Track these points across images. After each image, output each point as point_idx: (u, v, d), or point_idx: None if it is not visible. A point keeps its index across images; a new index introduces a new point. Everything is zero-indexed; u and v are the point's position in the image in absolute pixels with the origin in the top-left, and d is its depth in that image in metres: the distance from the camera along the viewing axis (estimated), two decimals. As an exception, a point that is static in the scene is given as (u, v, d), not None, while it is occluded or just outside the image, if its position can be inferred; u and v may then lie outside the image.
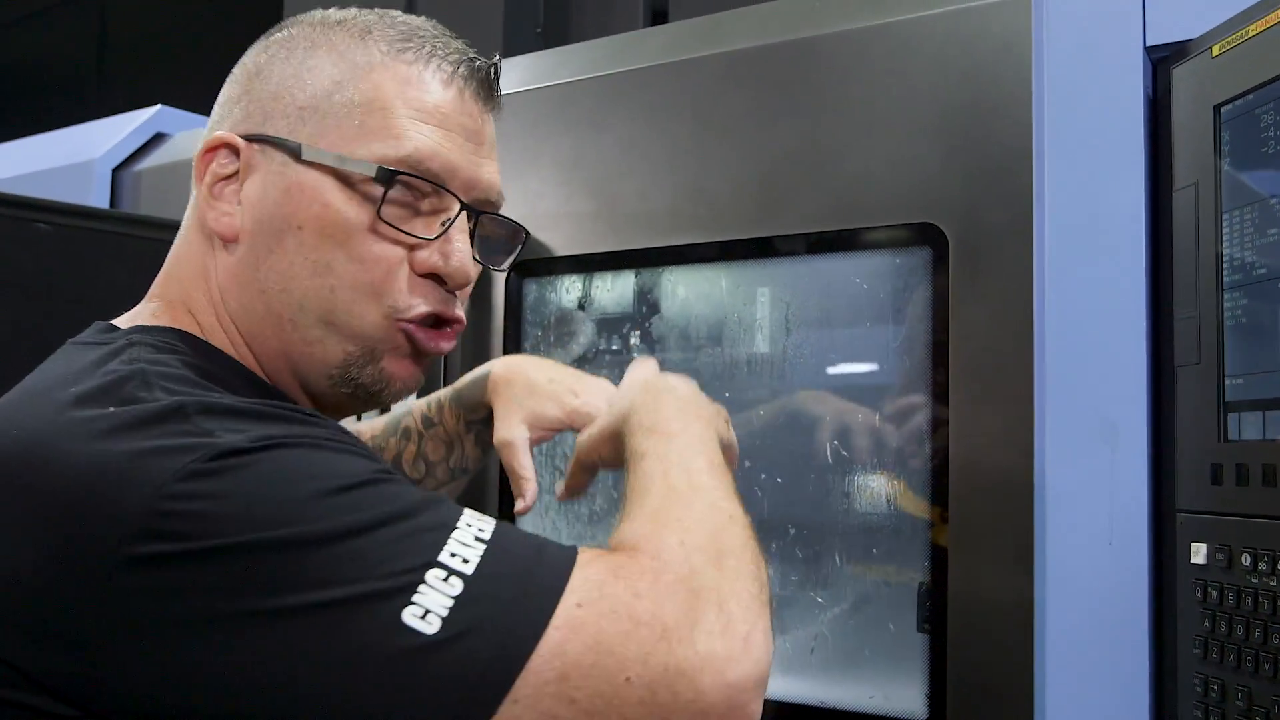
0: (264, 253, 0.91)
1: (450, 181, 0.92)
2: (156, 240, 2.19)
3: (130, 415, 0.73)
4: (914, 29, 1.64)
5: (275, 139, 0.91)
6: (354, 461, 0.75)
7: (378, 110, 0.90)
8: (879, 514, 1.66)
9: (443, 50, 0.94)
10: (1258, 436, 1.07)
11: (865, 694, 1.64)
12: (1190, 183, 1.17)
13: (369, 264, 0.90)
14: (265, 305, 0.91)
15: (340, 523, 0.69)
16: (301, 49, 0.94)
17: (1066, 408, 1.25)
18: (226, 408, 0.75)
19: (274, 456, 0.71)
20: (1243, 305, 1.10)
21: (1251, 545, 1.06)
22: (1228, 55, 1.12)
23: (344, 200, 0.89)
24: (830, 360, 1.76)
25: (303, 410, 0.81)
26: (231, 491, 0.69)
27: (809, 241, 1.72)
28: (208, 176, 0.93)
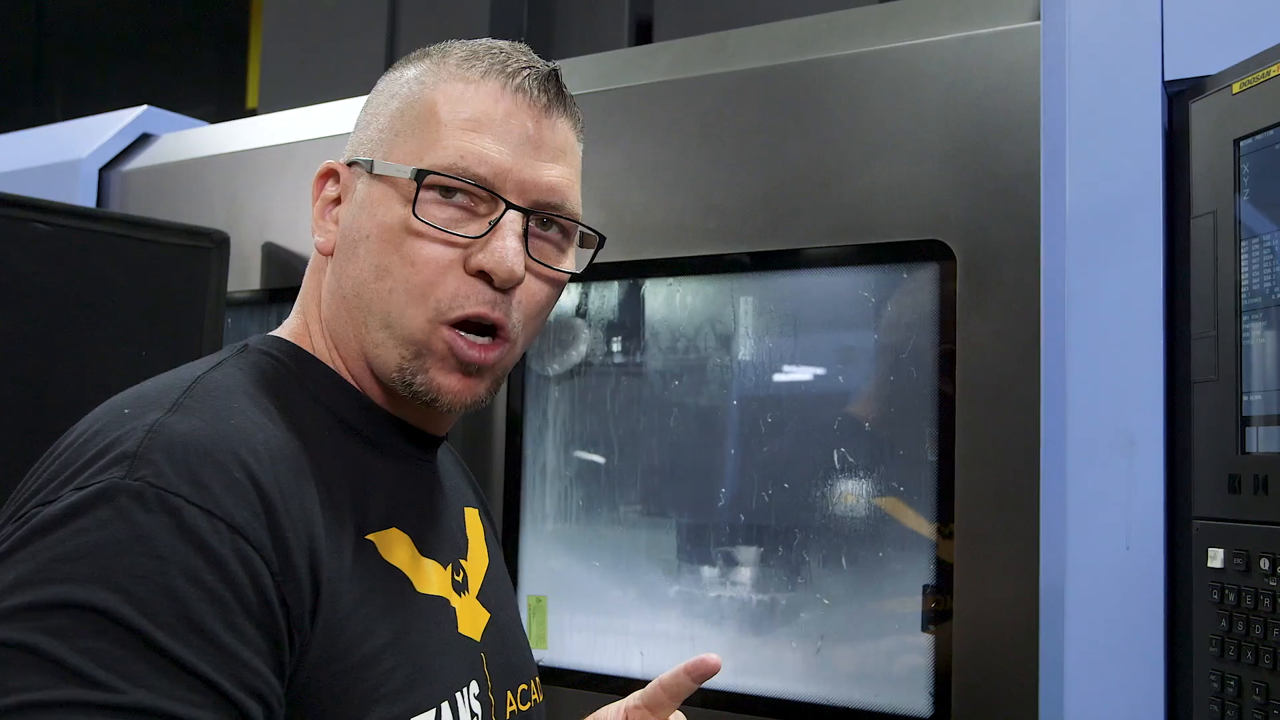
0: (346, 262, 0.97)
1: (498, 184, 0.94)
2: (153, 242, 2.21)
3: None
4: (923, 53, 1.72)
5: (359, 160, 0.98)
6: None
7: (433, 124, 0.95)
8: (884, 519, 1.73)
9: (502, 63, 0.97)
10: (1274, 449, 1.15)
11: (871, 693, 1.70)
12: (1209, 211, 1.25)
13: (419, 265, 0.93)
14: (347, 311, 0.97)
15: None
16: (392, 78, 1.00)
17: (1087, 419, 1.33)
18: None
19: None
20: (1260, 327, 1.18)
21: (1270, 550, 1.14)
22: (1248, 93, 1.20)
23: (400, 206, 0.94)
24: (836, 371, 1.82)
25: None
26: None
27: (817, 256, 1.79)
28: (319, 202, 1.00)
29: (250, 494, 0.80)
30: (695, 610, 1.89)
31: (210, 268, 2.27)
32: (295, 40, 3.00)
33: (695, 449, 1.92)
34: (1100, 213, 1.34)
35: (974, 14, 1.71)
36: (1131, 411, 1.31)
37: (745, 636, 1.83)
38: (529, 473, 2.05)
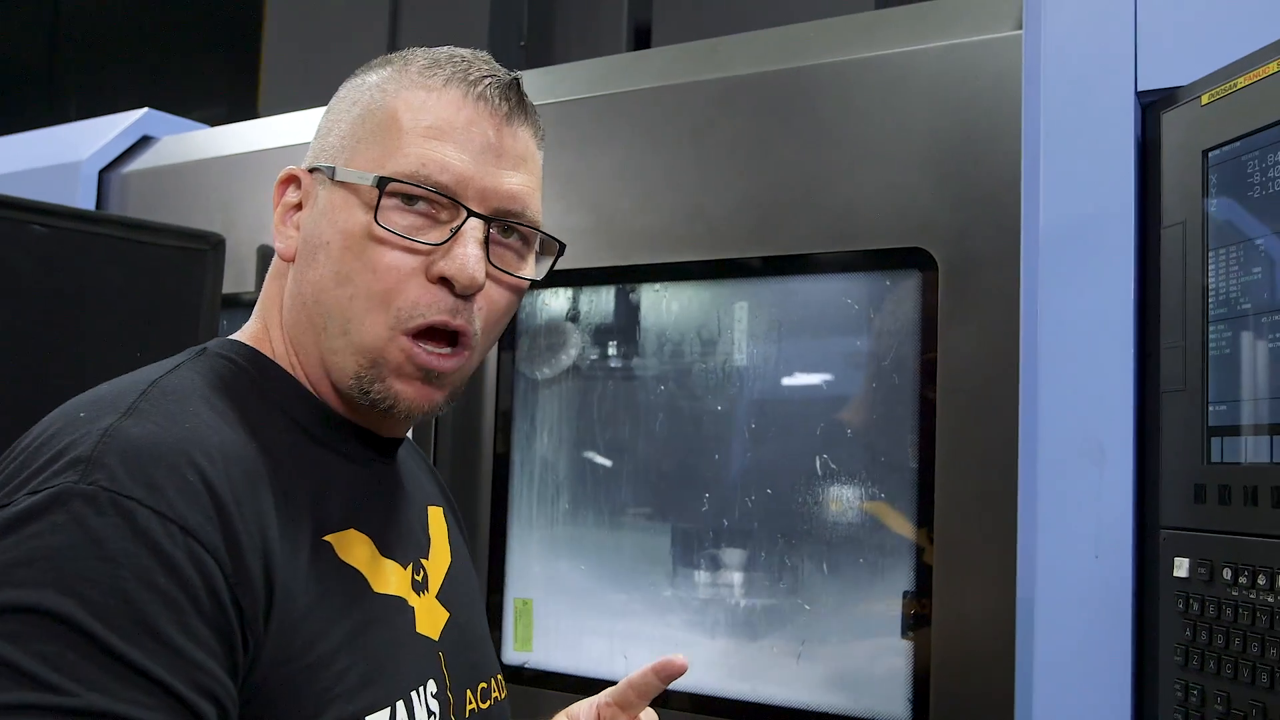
0: (305, 268, 0.97)
1: (460, 191, 0.95)
2: (152, 245, 2.23)
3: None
4: (908, 62, 1.73)
5: (320, 166, 0.98)
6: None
7: (395, 131, 0.95)
8: (866, 525, 1.74)
9: (464, 72, 0.97)
10: (1239, 460, 1.16)
11: (851, 699, 1.71)
12: (1178, 221, 1.25)
13: (381, 272, 0.93)
14: (307, 317, 0.97)
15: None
16: (353, 84, 1.01)
17: (1058, 428, 1.33)
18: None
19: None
20: (1226, 337, 1.18)
21: (1233, 560, 1.14)
22: (1217, 104, 1.21)
23: (358, 212, 0.94)
24: (819, 376, 1.83)
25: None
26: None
27: (802, 262, 1.80)
28: (280, 207, 1.01)
29: (203, 497, 0.81)
30: (678, 613, 1.90)
31: (206, 270, 2.28)
32: (298, 45, 3.02)
33: (680, 453, 1.93)
34: (1073, 222, 1.34)
35: (958, 23, 1.72)
36: (1102, 421, 1.31)
37: (726, 640, 1.84)
38: (516, 476, 2.06)
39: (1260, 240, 1.14)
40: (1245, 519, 1.14)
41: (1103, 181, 1.33)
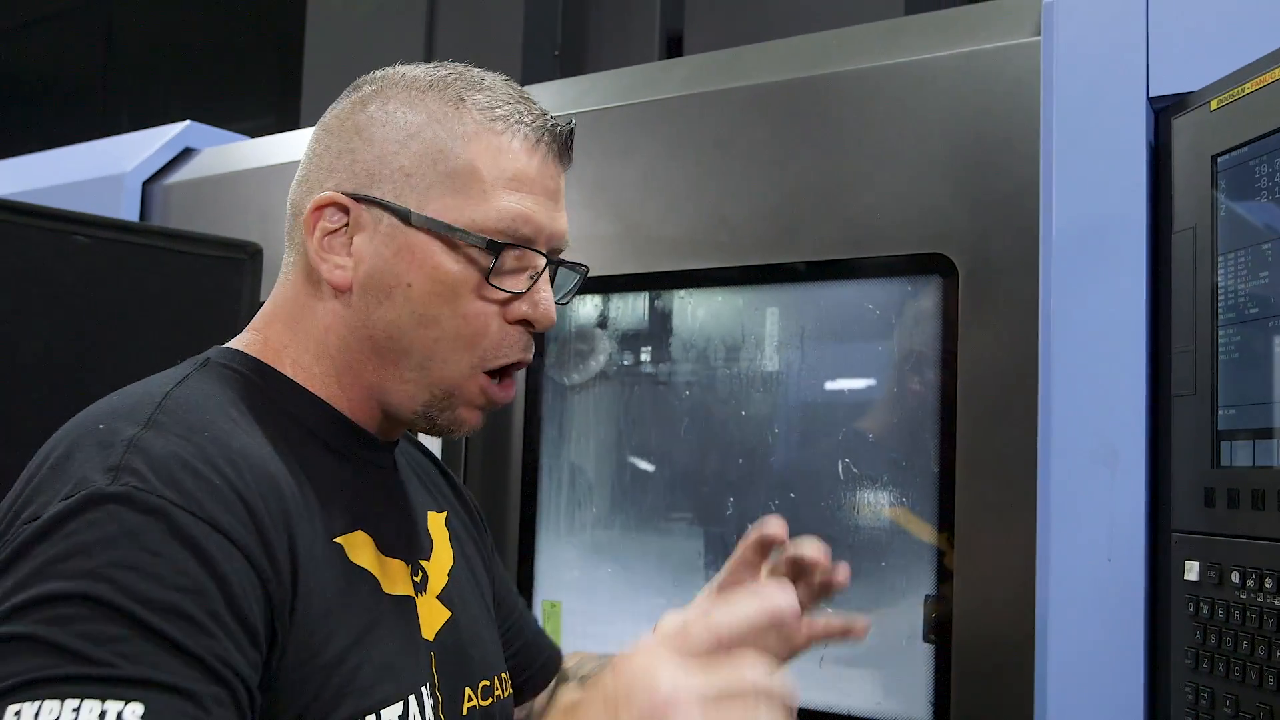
0: (374, 304, 0.99)
1: (536, 240, 1.01)
2: (192, 254, 2.29)
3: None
4: (928, 69, 1.74)
5: (384, 202, 0.99)
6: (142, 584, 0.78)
7: (476, 180, 0.99)
8: (887, 528, 1.75)
9: (527, 117, 1.02)
10: (1248, 463, 1.16)
11: (872, 701, 1.72)
12: (1189, 226, 1.26)
13: (470, 318, 0.99)
14: (372, 348, 1.00)
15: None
16: (400, 114, 1.01)
17: (1071, 432, 1.34)
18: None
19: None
20: (1236, 341, 1.19)
21: (1241, 564, 1.15)
22: (1225, 110, 1.21)
23: (452, 263, 0.98)
24: (842, 381, 1.84)
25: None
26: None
27: (824, 268, 1.81)
28: (317, 231, 1.01)
29: (233, 500, 0.84)
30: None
31: (244, 278, 2.34)
32: (337, 58, 3.08)
33: (705, 457, 1.95)
34: (1087, 227, 1.35)
35: (977, 30, 1.73)
36: (1115, 424, 1.32)
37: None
38: (545, 479, 2.09)
39: (1268, 245, 1.15)
40: (1253, 522, 1.14)
41: (1115, 186, 1.34)
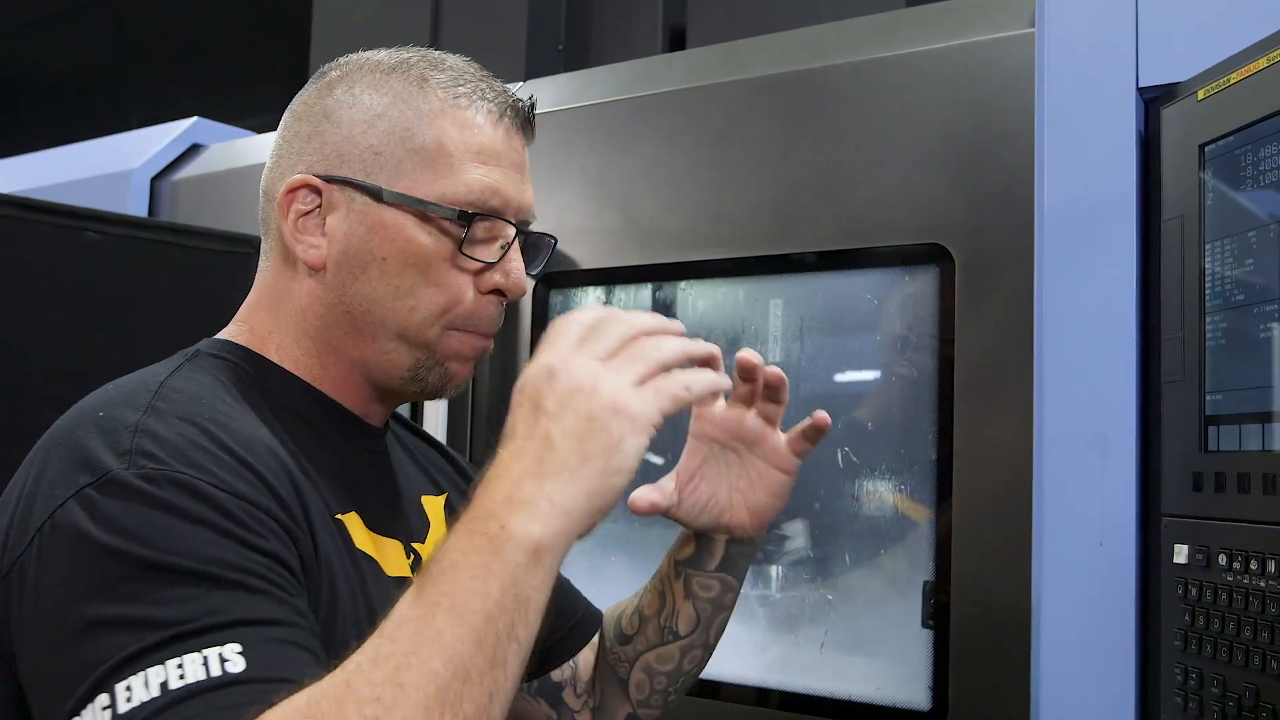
0: (349, 280, 1.02)
1: (505, 211, 1.04)
2: (200, 249, 2.32)
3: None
4: (924, 61, 1.75)
5: (355, 181, 1.02)
6: (195, 539, 0.81)
7: (444, 154, 1.02)
8: (886, 516, 1.77)
9: (489, 94, 1.06)
10: (1235, 448, 1.18)
11: (872, 686, 1.74)
12: (1177, 215, 1.28)
13: (444, 287, 1.02)
14: (350, 323, 1.03)
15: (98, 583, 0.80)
16: (367, 95, 1.04)
17: (1062, 419, 1.36)
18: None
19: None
20: (1223, 328, 1.21)
21: (1228, 546, 1.16)
22: (1212, 99, 1.23)
23: (425, 235, 1.01)
24: (840, 371, 1.86)
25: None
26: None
27: (822, 259, 1.83)
28: (291, 213, 1.04)
29: (244, 471, 0.87)
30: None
31: (251, 272, 2.35)
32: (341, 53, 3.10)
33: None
34: (1078, 216, 1.37)
35: (973, 22, 1.74)
36: (1106, 411, 1.33)
37: (753, 630, 1.88)
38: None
39: (1252, 233, 1.17)
40: (1239, 506, 1.16)
41: (1106, 176, 1.36)
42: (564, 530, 0.80)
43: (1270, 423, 1.13)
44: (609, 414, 0.82)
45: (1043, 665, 1.36)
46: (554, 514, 0.80)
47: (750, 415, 1.11)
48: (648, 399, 0.84)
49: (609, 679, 1.25)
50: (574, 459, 0.81)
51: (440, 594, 0.77)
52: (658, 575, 1.22)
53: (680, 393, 0.86)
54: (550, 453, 0.81)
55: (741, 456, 1.13)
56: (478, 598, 0.76)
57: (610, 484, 0.82)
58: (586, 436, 0.82)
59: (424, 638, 0.75)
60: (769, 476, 1.13)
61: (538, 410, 0.83)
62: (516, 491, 0.80)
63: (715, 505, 1.13)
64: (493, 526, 0.79)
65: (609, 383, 0.83)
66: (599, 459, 0.82)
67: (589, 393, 0.83)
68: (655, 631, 1.21)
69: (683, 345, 0.89)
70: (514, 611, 0.77)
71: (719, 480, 1.13)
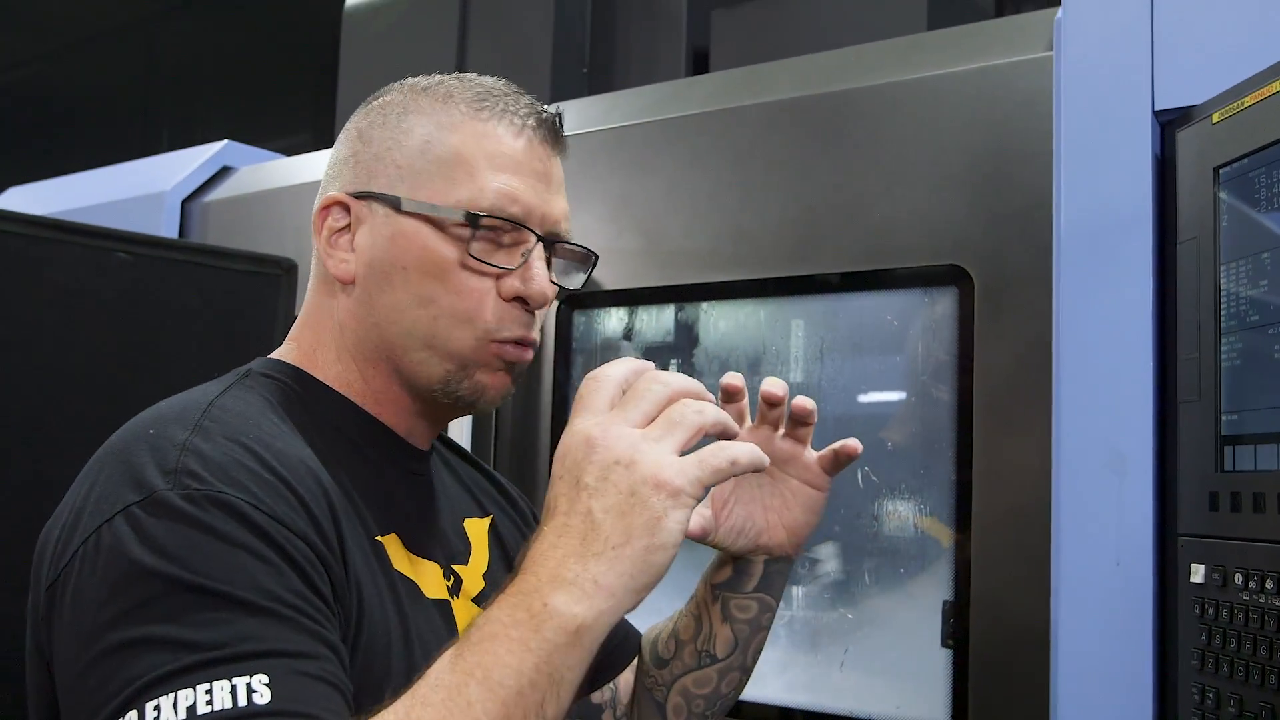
0: (376, 291, 1.05)
1: (527, 219, 1.05)
2: (230, 270, 2.35)
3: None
4: (943, 84, 1.77)
5: (379, 194, 1.05)
6: (231, 566, 0.82)
7: (462, 164, 1.04)
8: (907, 536, 1.78)
9: (514, 106, 1.07)
10: (1251, 468, 1.19)
11: (892, 706, 1.75)
12: (1192, 236, 1.29)
13: (464, 294, 1.03)
14: (379, 335, 1.05)
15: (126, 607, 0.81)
16: (396, 114, 1.08)
17: (1079, 438, 1.37)
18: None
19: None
20: (1238, 349, 1.21)
21: (1245, 566, 1.17)
22: (1226, 122, 1.24)
23: (440, 242, 1.03)
24: (861, 391, 1.87)
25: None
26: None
27: (843, 280, 1.85)
28: (324, 231, 1.07)
29: (285, 492, 0.89)
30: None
31: (279, 293, 2.40)
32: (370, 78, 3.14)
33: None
34: (1095, 237, 1.38)
35: (992, 45, 1.76)
36: (1123, 430, 1.34)
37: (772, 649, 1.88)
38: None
39: (1267, 254, 1.18)
40: (1255, 525, 1.17)
41: (1122, 198, 1.37)
42: (608, 610, 0.80)
43: (1285, 443, 1.14)
44: (650, 489, 0.81)
45: (1060, 684, 1.36)
46: (598, 595, 0.80)
47: (779, 435, 1.12)
48: (690, 472, 0.83)
49: (646, 703, 1.25)
50: (617, 537, 0.80)
51: (475, 664, 0.78)
52: (693, 599, 1.22)
53: (724, 466, 0.85)
54: (594, 531, 0.81)
55: (774, 476, 1.13)
56: (512, 673, 0.77)
57: (654, 561, 0.81)
58: (629, 513, 0.81)
59: (454, 706, 0.76)
60: (803, 493, 1.13)
61: (578, 485, 0.83)
62: (561, 570, 0.80)
63: (752, 528, 1.13)
64: (535, 603, 0.79)
65: (649, 454, 0.82)
66: (642, 537, 0.81)
67: (628, 465, 0.81)
68: (692, 655, 1.21)
69: (722, 415, 0.88)
70: (546, 689, 0.78)
71: (753, 503, 1.13)
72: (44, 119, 8.33)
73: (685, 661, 1.22)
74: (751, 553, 1.15)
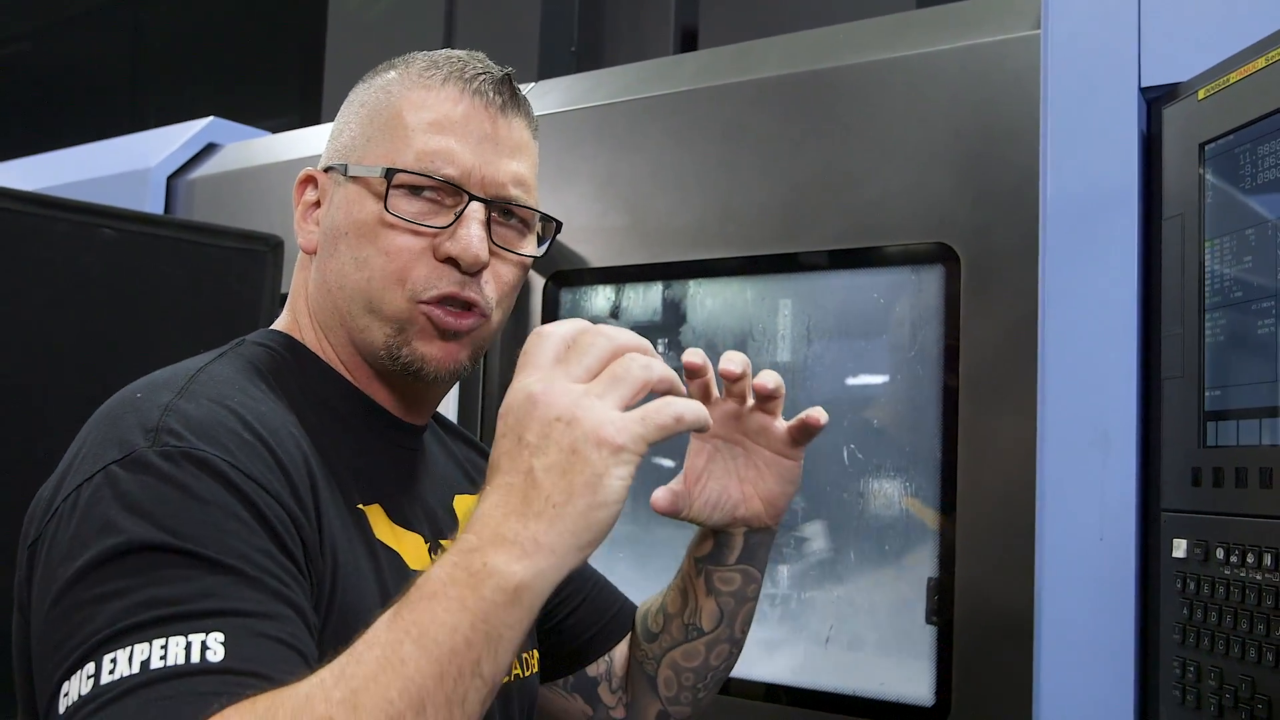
0: (326, 257, 1.07)
1: (464, 181, 1.04)
2: (215, 246, 2.34)
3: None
4: (931, 62, 1.77)
5: (334, 165, 1.08)
6: (193, 518, 0.83)
7: (400, 127, 1.05)
8: (892, 514, 1.78)
9: (463, 71, 1.07)
10: (1233, 443, 1.19)
11: (876, 681, 1.75)
12: (1177, 213, 1.29)
13: (393, 254, 1.03)
14: (332, 302, 1.07)
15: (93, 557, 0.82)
16: (359, 91, 1.11)
17: (1064, 415, 1.37)
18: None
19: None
20: (1221, 325, 1.22)
21: (1226, 541, 1.18)
22: (1212, 99, 1.24)
23: (371, 203, 1.04)
24: (847, 369, 1.88)
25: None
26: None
27: (829, 258, 1.85)
28: (299, 206, 1.11)
29: (263, 452, 0.90)
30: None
31: (265, 270, 2.39)
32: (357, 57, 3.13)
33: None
34: (1081, 214, 1.38)
35: (980, 24, 1.76)
36: (1107, 407, 1.35)
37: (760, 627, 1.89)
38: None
39: (1251, 230, 1.18)
40: (1237, 500, 1.17)
41: (1108, 175, 1.37)
42: (548, 569, 0.79)
43: (1268, 418, 1.15)
44: (591, 446, 0.79)
45: (1043, 658, 1.37)
46: (539, 554, 0.78)
47: (747, 408, 1.11)
48: (633, 428, 0.81)
49: (639, 676, 1.26)
50: (558, 495, 0.79)
51: (412, 622, 0.77)
52: (680, 573, 1.22)
53: (668, 423, 0.83)
54: (535, 489, 0.79)
55: (746, 448, 1.12)
56: (447, 631, 0.76)
57: (596, 519, 0.80)
58: (570, 470, 0.79)
59: (387, 664, 0.75)
60: (777, 464, 1.12)
61: (520, 442, 0.81)
62: (502, 529, 0.79)
63: (728, 500, 1.13)
64: (475, 562, 0.78)
65: (591, 411, 0.80)
66: (584, 495, 0.79)
67: (569, 422, 0.80)
68: (679, 629, 1.21)
69: (667, 370, 0.86)
70: (483, 648, 0.76)
71: (727, 476, 1.13)
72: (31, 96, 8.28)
73: (673, 635, 1.22)
74: (730, 525, 1.15)
